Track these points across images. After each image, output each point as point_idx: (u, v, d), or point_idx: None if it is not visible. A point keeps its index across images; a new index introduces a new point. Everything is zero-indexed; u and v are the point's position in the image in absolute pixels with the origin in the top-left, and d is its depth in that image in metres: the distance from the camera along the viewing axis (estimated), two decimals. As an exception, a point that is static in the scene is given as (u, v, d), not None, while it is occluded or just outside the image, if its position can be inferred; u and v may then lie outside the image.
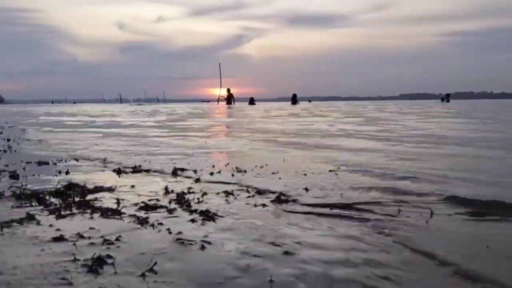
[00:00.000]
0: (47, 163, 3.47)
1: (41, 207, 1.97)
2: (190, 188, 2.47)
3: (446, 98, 45.19)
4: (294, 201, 2.14)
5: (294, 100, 37.23)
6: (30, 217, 1.77)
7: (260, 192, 2.36)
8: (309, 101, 69.93)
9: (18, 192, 2.23)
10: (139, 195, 2.28)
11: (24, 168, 3.16)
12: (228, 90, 37.37)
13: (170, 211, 1.94)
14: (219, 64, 40.13)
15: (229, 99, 36.56)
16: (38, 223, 1.71)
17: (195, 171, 3.00)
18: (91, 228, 1.65)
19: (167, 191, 2.36)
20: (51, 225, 1.68)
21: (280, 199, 2.18)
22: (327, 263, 1.32)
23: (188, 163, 3.39)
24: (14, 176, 2.78)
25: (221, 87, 38.73)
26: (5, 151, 4.43)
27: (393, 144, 4.74)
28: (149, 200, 2.13)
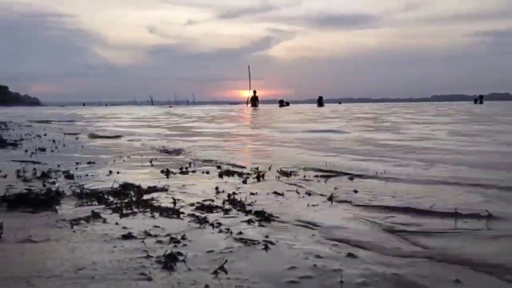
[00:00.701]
0: (95, 163, 3.60)
1: (103, 206, 2.06)
2: (238, 188, 2.52)
3: (480, 99, 43.89)
4: (347, 202, 2.15)
5: (320, 102, 37.37)
6: (96, 215, 1.85)
7: (309, 193, 2.38)
8: (339, 103, 69.19)
9: (78, 191, 2.33)
10: (192, 195, 2.34)
11: (76, 168, 3.29)
12: (254, 92, 37.51)
13: (226, 211, 1.99)
14: (248, 66, 40.43)
15: (254, 101, 36.52)
16: (104, 221, 1.78)
17: (240, 174, 3.04)
18: (155, 227, 1.71)
19: (218, 191, 2.42)
20: (117, 223, 1.76)
21: (332, 199, 2.20)
22: (387, 265, 1.33)
23: (233, 166, 3.44)
24: (69, 176, 2.89)
25: (250, 89, 38.99)
26: (52, 150, 4.62)
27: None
28: (203, 200, 2.18)
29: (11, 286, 1.12)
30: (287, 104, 40.14)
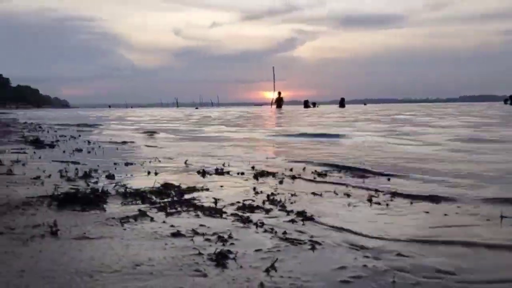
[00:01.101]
0: (133, 164, 3.69)
1: (147, 204, 2.11)
2: (276, 189, 2.55)
3: (510, 100, 42.61)
4: (386, 203, 2.15)
5: (342, 103, 37.55)
6: (143, 214, 1.90)
7: (348, 194, 2.39)
8: (364, 104, 68.34)
9: (121, 190, 2.40)
10: (231, 195, 2.37)
11: (115, 168, 3.38)
12: (279, 93, 37.70)
13: (267, 211, 2.02)
14: (273, 67, 40.54)
15: (279, 102, 36.73)
16: (152, 219, 1.84)
17: (273, 175, 3.07)
18: (201, 225, 1.75)
19: (256, 192, 2.45)
20: (164, 222, 1.81)
21: (372, 200, 2.20)
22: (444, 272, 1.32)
23: (268, 167, 3.47)
24: (109, 176, 2.98)
25: (274, 90, 39.07)
26: (88, 152, 4.76)
27: None
28: (244, 200, 2.22)
29: (77, 280, 1.17)
30: (314, 105, 40.06)
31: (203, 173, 3.15)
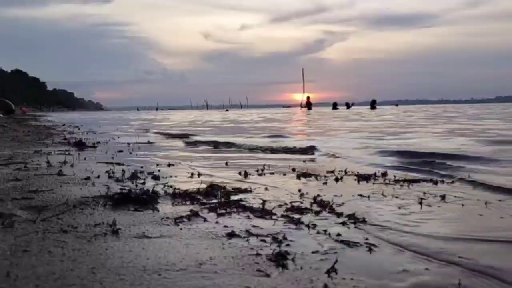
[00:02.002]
0: (173, 165, 3.77)
1: (197, 205, 2.16)
2: (321, 190, 2.55)
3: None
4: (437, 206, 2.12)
5: (373, 105, 37.11)
6: (196, 214, 1.95)
7: (396, 196, 2.36)
8: (396, 105, 67.08)
9: (170, 191, 2.46)
10: (277, 196, 2.39)
11: (158, 170, 3.46)
12: (308, 98, 39.12)
13: (316, 213, 2.02)
14: (302, 69, 40.60)
15: (309, 105, 38.23)
16: (205, 220, 1.87)
17: (316, 176, 3.07)
18: (254, 226, 1.78)
19: (301, 193, 2.46)
20: (217, 222, 1.84)
21: (422, 203, 2.17)
22: (511, 271, 1.30)
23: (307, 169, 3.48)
24: (154, 177, 3.05)
25: (304, 92, 39.46)
26: (130, 153, 4.89)
27: None
28: (291, 202, 2.23)
29: (146, 277, 1.21)
30: (348, 105, 40.05)
31: (245, 174, 3.19)
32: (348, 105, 40.18)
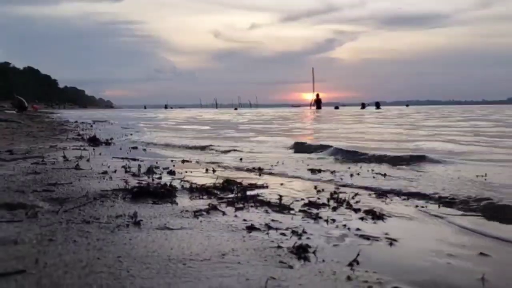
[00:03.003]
0: (189, 161, 3.80)
1: (214, 199, 2.18)
2: (337, 188, 2.56)
3: None
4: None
5: (378, 106, 38.26)
6: (214, 208, 1.97)
7: (412, 194, 2.36)
8: (407, 105, 66.59)
9: (187, 186, 2.48)
10: (294, 192, 2.40)
11: (173, 165, 3.48)
12: (317, 95, 38.71)
13: (334, 208, 2.03)
14: (312, 69, 40.48)
15: (318, 104, 37.84)
16: (224, 213, 1.89)
17: (332, 172, 3.08)
18: (273, 220, 1.79)
19: (318, 190, 2.47)
20: (236, 216, 1.86)
21: (441, 203, 2.17)
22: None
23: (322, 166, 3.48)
24: (171, 172, 3.08)
25: (313, 91, 39.30)
26: (144, 149, 4.94)
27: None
28: (308, 197, 2.24)
29: (172, 266, 1.23)
30: (363, 106, 40.42)
31: (259, 170, 3.20)
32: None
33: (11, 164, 3.28)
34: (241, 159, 3.93)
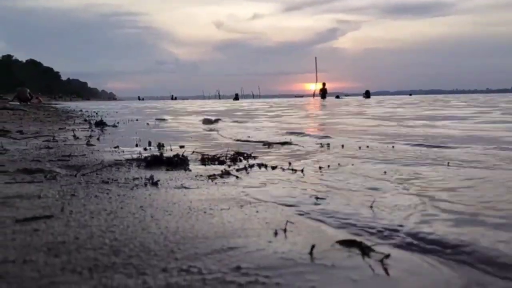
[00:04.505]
0: (197, 139, 3.85)
1: (226, 166, 2.22)
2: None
3: None
4: None
5: (368, 94, 37.11)
6: (227, 173, 2.00)
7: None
8: (410, 94, 66.35)
9: (199, 157, 2.52)
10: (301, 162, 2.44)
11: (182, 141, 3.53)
12: (323, 84, 37.90)
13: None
14: (315, 58, 40.18)
15: (324, 93, 37.08)
16: (237, 177, 1.93)
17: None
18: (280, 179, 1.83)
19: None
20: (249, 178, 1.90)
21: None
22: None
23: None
24: (181, 146, 3.13)
25: (316, 81, 38.87)
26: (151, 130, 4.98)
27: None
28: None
29: (193, 213, 1.27)
30: (368, 95, 39.77)
31: (269, 144, 3.24)
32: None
33: (23, 141, 3.32)
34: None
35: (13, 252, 0.93)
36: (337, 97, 39.95)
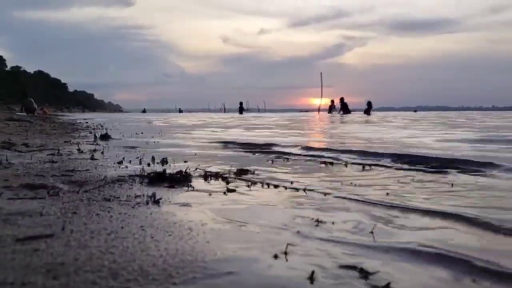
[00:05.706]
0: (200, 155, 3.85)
1: (224, 183, 2.22)
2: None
3: None
4: None
5: (367, 112, 35.58)
6: (231, 191, 2.00)
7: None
8: (415, 111, 66.22)
9: (202, 173, 2.52)
10: (304, 179, 2.44)
11: (186, 157, 3.53)
12: (332, 101, 34.79)
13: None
14: (321, 73, 40.09)
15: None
16: (242, 193, 1.93)
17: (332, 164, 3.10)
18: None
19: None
20: (252, 195, 1.90)
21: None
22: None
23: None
24: (184, 161, 3.13)
25: (322, 96, 38.47)
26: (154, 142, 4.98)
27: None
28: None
29: (193, 234, 1.27)
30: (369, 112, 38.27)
31: (272, 160, 3.24)
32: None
33: (28, 155, 3.34)
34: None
35: (12, 273, 0.93)
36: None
